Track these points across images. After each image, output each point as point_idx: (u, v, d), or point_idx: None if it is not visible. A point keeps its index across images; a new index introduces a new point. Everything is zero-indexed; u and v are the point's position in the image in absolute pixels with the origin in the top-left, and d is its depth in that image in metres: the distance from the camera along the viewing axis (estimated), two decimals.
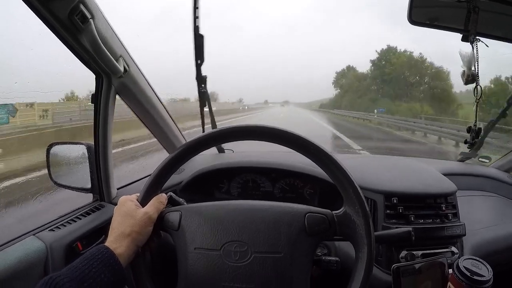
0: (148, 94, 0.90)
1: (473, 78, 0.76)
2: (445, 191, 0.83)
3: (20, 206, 1.73)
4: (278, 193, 1.02)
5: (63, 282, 0.42)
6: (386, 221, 0.79)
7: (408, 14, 0.72)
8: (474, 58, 0.75)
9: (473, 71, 0.76)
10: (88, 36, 0.63)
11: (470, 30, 0.71)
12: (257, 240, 0.52)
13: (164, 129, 1.01)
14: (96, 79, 0.76)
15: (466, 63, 0.76)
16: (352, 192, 0.53)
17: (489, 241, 0.86)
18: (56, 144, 0.88)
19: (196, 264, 0.52)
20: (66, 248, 0.68)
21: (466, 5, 0.72)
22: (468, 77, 0.76)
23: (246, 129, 0.56)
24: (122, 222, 0.53)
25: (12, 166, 2.36)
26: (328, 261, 0.65)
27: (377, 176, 0.88)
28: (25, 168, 2.28)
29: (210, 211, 0.56)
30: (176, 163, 0.58)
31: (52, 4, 0.56)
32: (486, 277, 0.55)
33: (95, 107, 0.78)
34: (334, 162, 0.53)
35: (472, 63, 0.76)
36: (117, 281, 0.47)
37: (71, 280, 0.43)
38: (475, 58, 0.75)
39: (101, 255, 0.47)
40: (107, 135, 0.80)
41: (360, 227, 0.52)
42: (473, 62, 0.75)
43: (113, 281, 0.46)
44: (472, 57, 0.74)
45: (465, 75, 0.77)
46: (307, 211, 0.55)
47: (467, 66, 0.76)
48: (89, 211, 0.81)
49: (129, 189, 0.97)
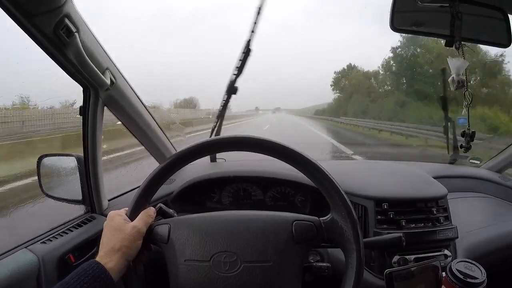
0: (136, 105, 0.90)
1: (463, 84, 0.77)
2: (436, 194, 0.83)
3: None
4: (269, 201, 1.02)
5: None
6: (377, 227, 0.79)
7: (390, 21, 0.72)
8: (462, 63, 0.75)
9: (461, 77, 0.77)
10: (74, 50, 0.63)
11: (455, 36, 0.72)
12: (246, 250, 0.52)
13: (153, 139, 1.01)
14: (83, 92, 0.76)
15: (455, 70, 0.76)
16: (338, 198, 0.53)
17: (482, 242, 0.86)
18: (46, 156, 0.87)
19: (186, 276, 0.53)
20: (59, 260, 0.68)
21: (449, 10, 0.73)
22: (458, 84, 0.77)
23: (233, 140, 0.57)
24: (112, 237, 0.53)
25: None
26: (320, 267, 0.65)
27: (367, 182, 0.89)
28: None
29: (198, 223, 0.56)
30: (166, 173, 0.58)
31: (37, 19, 0.57)
32: (480, 279, 0.55)
33: (83, 119, 0.78)
34: (319, 169, 0.54)
35: (461, 70, 0.76)
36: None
37: None
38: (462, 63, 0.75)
39: (92, 270, 0.47)
40: (96, 147, 0.80)
41: (348, 232, 0.52)
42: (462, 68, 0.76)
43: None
44: (462, 63, 0.75)
45: (455, 81, 0.77)
46: (294, 219, 0.55)
47: (456, 72, 0.77)
48: (81, 223, 0.80)
49: (121, 200, 0.97)
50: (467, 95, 0.75)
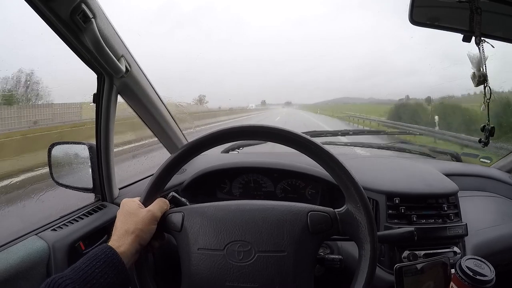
0: (150, 94, 0.90)
1: (484, 79, 0.76)
2: (447, 191, 0.83)
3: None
4: (280, 193, 1.02)
5: (66, 283, 0.42)
6: (388, 221, 0.79)
7: (409, 14, 0.72)
8: (482, 59, 0.74)
9: (483, 72, 0.76)
10: (90, 36, 0.62)
11: (475, 32, 0.71)
12: (261, 240, 0.52)
13: (166, 129, 1.01)
14: (97, 79, 0.76)
15: (475, 65, 0.75)
16: (354, 189, 0.53)
17: (490, 241, 0.86)
18: (58, 144, 0.87)
19: (199, 264, 0.53)
20: (69, 248, 0.68)
21: (468, 5, 0.72)
22: (480, 78, 0.76)
23: (248, 129, 0.56)
24: (125, 220, 0.52)
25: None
26: (332, 259, 0.65)
27: (379, 177, 0.88)
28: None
29: (213, 212, 0.56)
30: (179, 163, 0.58)
31: (54, 3, 0.56)
32: (489, 277, 0.55)
33: (97, 107, 0.78)
34: (335, 160, 0.53)
35: (481, 64, 0.75)
36: (120, 281, 0.46)
37: (74, 282, 0.42)
38: (483, 59, 0.74)
39: (104, 255, 0.47)
40: (109, 135, 0.80)
41: (363, 224, 0.52)
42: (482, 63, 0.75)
43: (116, 281, 0.46)
44: (481, 58, 0.74)
45: (476, 76, 0.76)
46: (309, 210, 0.55)
47: (476, 67, 0.75)
48: (91, 211, 0.81)
49: (132, 189, 0.97)
50: (487, 90, 0.74)
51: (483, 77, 0.72)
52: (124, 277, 0.47)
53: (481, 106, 0.75)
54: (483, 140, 0.76)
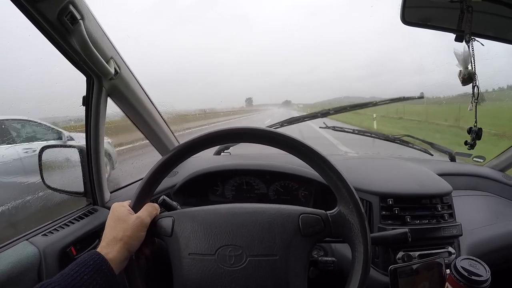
0: (140, 96, 0.89)
1: (470, 77, 0.75)
2: (441, 191, 0.83)
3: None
4: (272, 195, 1.01)
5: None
6: (382, 222, 0.78)
7: (401, 15, 0.72)
8: (470, 56, 0.74)
9: (470, 70, 0.75)
10: (78, 37, 0.61)
11: (464, 30, 0.71)
12: (252, 244, 0.52)
13: (157, 131, 1.00)
14: (87, 81, 0.75)
15: (462, 62, 0.74)
16: (346, 191, 0.52)
17: (485, 240, 0.86)
18: (48, 147, 0.86)
19: (191, 269, 0.52)
20: (60, 253, 0.67)
21: (459, 5, 0.72)
22: (464, 76, 0.75)
23: (238, 131, 0.55)
24: (114, 227, 0.52)
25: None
26: (325, 262, 0.64)
27: (372, 177, 0.88)
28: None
29: (203, 216, 0.55)
30: (169, 165, 0.57)
31: (41, 5, 0.55)
32: (484, 276, 0.54)
33: (86, 110, 0.76)
34: (326, 162, 0.53)
35: (468, 62, 0.75)
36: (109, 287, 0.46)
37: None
38: (471, 56, 0.74)
39: (92, 262, 0.46)
40: (99, 138, 0.79)
41: (355, 226, 0.52)
42: (469, 60, 0.74)
43: (105, 287, 0.45)
44: (468, 55, 0.73)
45: (461, 74, 0.75)
46: (301, 212, 0.54)
47: (463, 65, 0.74)
48: (82, 215, 0.80)
49: (123, 192, 0.96)
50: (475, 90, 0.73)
51: (468, 75, 0.72)
52: (113, 284, 0.46)
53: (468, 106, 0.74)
54: (469, 142, 0.75)
